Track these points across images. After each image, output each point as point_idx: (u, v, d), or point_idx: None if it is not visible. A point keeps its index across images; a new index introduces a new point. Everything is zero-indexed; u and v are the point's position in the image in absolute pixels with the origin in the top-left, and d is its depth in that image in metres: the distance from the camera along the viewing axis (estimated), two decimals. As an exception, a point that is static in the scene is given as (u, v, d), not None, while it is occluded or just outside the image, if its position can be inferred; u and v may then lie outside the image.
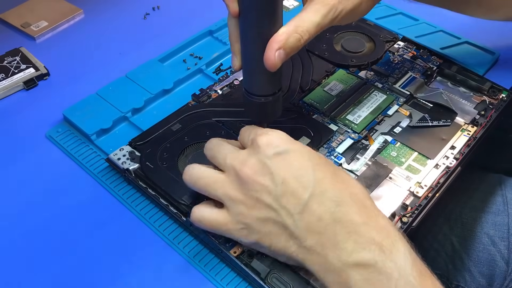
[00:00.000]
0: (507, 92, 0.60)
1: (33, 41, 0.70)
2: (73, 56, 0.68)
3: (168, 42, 0.67)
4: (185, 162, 0.51)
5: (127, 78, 0.62)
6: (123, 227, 0.49)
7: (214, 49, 0.67)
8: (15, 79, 0.63)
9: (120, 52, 0.68)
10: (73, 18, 0.73)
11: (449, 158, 0.53)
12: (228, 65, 0.65)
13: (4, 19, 0.72)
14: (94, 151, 0.55)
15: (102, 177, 0.53)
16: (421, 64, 0.64)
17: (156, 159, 0.51)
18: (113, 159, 0.51)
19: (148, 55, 0.65)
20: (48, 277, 0.45)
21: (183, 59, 0.66)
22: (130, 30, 0.72)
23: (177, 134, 0.53)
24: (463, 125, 0.57)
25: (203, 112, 0.56)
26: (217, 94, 0.60)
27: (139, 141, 0.53)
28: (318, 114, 0.58)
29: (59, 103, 0.59)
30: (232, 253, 0.45)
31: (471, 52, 0.64)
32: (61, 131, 0.57)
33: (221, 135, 0.53)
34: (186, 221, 0.47)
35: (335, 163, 0.52)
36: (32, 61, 0.65)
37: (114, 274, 0.46)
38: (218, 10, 0.73)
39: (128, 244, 0.48)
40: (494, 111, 0.58)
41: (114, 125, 0.57)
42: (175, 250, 0.47)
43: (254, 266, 0.44)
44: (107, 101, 0.59)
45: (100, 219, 0.50)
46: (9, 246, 0.48)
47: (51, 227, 0.49)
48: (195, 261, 0.46)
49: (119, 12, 0.75)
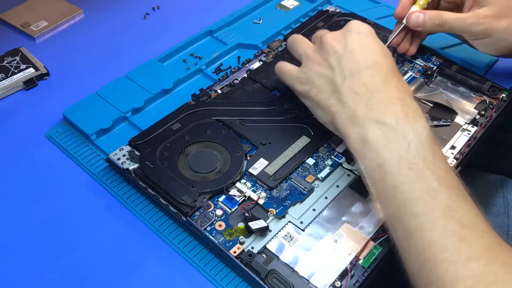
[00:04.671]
0: (507, 92, 0.60)
1: (33, 41, 0.70)
2: (73, 56, 0.68)
3: (168, 42, 0.67)
4: (185, 161, 0.51)
5: (127, 78, 0.62)
6: (123, 227, 0.49)
7: (214, 49, 0.67)
8: (15, 79, 0.63)
9: (120, 52, 0.68)
10: (73, 18, 0.73)
11: (449, 158, 0.53)
12: (228, 65, 0.65)
13: (4, 19, 0.72)
14: (94, 151, 0.55)
15: (102, 177, 0.53)
16: (421, 64, 0.64)
17: (156, 158, 0.51)
18: (113, 159, 0.51)
19: (148, 55, 0.65)
20: (48, 277, 0.45)
21: (183, 59, 0.66)
22: (130, 30, 0.72)
23: (177, 133, 0.53)
24: (463, 125, 0.57)
25: (203, 111, 0.56)
26: (217, 94, 0.60)
27: (138, 140, 0.53)
28: (318, 114, 0.58)
29: (59, 103, 0.59)
30: (232, 253, 0.44)
31: (471, 52, 0.64)
32: (61, 131, 0.57)
33: (221, 135, 0.53)
34: (186, 221, 0.47)
35: (335, 163, 0.52)
36: (32, 61, 0.65)
37: (114, 274, 0.46)
38: (218, 10, 0.74)
39: (128, 244, 0.48)
40: (494, 111, 0.58)
41: (114, 125, 0.57)
42: (175, 250, 0.47)
43: (254, 266, 0.44)
44: (107, 101, 0.59)
45: (100, 219, 0.50)
46: (9, 246, 0.48)
47: (51, 227, 0.49)
48: (195, 261, 0.46)
49: (119, 12, 0.75)
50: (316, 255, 0.45)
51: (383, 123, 0.43)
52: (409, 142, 0.42)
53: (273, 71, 0.62)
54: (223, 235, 0.46)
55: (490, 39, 0.56)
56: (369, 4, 0.76)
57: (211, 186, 0.49)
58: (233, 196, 0.49)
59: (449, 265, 0.37)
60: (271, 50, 0.66)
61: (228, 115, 0.56)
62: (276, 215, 0.48)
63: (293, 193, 0.50)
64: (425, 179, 0.40)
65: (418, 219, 0.39)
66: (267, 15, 0.73)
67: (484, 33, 0.56)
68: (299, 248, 0.46)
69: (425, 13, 0.57)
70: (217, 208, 0.48)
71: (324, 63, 0.49)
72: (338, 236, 0.47)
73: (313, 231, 0.47)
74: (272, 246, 0.46)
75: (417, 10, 0.58)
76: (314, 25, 0.69)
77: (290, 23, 0.72)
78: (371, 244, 0.46)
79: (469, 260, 0.37)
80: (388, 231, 0.44)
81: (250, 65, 0.64)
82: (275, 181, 0.50)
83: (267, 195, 0.49)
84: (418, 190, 0.40)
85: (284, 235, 0.47)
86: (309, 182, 0.51)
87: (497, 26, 0.55)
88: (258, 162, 0.51)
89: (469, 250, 0.37)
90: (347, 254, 0.45)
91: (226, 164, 0.51)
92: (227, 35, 0.69)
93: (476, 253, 0.37)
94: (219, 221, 0.47)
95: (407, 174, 0.41)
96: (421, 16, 0.57)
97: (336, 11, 0.72)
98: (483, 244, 0.38)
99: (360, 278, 0.44)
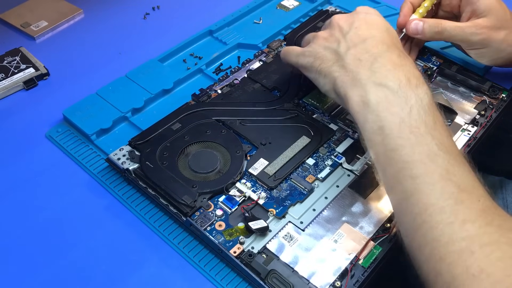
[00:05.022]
0: (507, 92, 0.60)
1: (33, 41, 0.70)
2: (73, 56, 0.68)
3: (168, 42, 0.67)
4: (185, 161, 0.51)
5: (127, 78, 0.62)
6: (123, 227, 0.49)
7: (214, 49, 0.67)
8: (15, 79, 0.63)
9: (120, 52, 0.68)
10: (73, 18, 0.73)
11: (449, 158, 0.53)
12: (228, 65, 0.65)
13: (4, 19, 0.72)
14: (94, 151, 0.55)
15: (102, 177, 0.52)
16: (421, 64, 0.64)
17: (156, 158, 0.51)
18: (113, 159, 0.51)
19: (148, 55, 0.65)
20: (47, 277, 0.45)
21: (183, 59, 0.66)
22: (130, 30, 0.72)
23: (177, 133, 0.53)
24: (463, 125, 0.57)
25: (203, 111, 0.56)
26: (217, 94, 0.60)
27: (138, 140, 0.53)
28: (318, 114, 0.58)
29: (59, 103, 0.59)
30: (232, 253, 0.44)
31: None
32: (61, 131, 0.57)
33: (221, 135, 0.53)
34: (186, 221, 0.47)
35: (335, 163, 0.52)
36: (32, 61, 0.65)
37: (113, 274, 0.46)
38: (218, 10, 0.74)
39: (128, 244, 0.48)
40: (494, 111, 0.59)
41: (114, 125, 0.57)
42: (175, 250, 0.47)
43: (254, 266, 0.44)
44: (107, 101, 0.59)
45: (100, 219, 0.50)
46: (9, 245, 0.48)
47: (51, 227, 0.49)
48: (195, 261, 0.46)
49: (119, 12, 0.75)
50: (316, 255, 0.45)
51: (385, 86, 0.44)
52: (411, 106, 0.42)
53: (273, 71, 0.62)
54: (223, 235, 0.46)
55: (487, 49, 0.57)
56: (369, 4, 0.76)
57: (211, 186, 0.49)
58: (233, 196, 0.49)
59: (445, 226, 0.38)
60: (271, 50, 0.66)
61: (228, 115, 0.56)
62: (276, 215, 0.48)
63: (293, 193, 0.50)
64: (426, 143, 0.41)
65: (416, 181, 0.40)
66: (267, 15, 0.73)
67: (482, 43, 0.56)
68: (299, 248, 0.46)
69: (424, 21, 0.57)
70: (217, 208, 0.48)
71: (330, 38, 0.50)
72: (338, 236, 0.47)
73: (313, 231, 0.47)
74: (272, 246, 0.46)
75: (416, 18, 0.58)
76: (314, 25, 0.69)
77: (290, 23, 0.72)
78: (371, 244, 0.46)
79: (465, 222, 0.37)
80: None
81: (250, 65, 0.64)
82: (275, 181, 0.50)
83: (267, 195, 0.49)
84: (418, 153, 0.41)
85: (284, 235, 0.47)
86: (309, 182, 0.51)
87: (495, 37, 0.56)
88: (258, 162, 0.51)
89: (466, 213, 0.38)
90: (347, 254, 0.45)
91: (226, 164, 0.51)
92: (227, 35, 0.69)
93: (472, 216, 0.38)
94: (219, 221, 0.47)
95: (408, 138, 0.41)
96: (421, 24, 0.57)
97: (336, 11, 0.72)
98: (479, 207, 0.38)
99: (360, 278, 0.44)
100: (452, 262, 0.36)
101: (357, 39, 0.48)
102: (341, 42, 0.49)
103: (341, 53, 0.48)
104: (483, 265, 0.35)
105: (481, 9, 0.56)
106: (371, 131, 0.44)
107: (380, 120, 0.43)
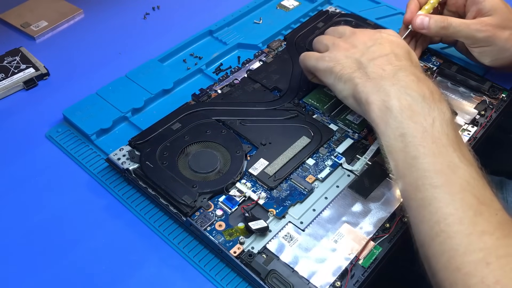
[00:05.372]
0: (507, 92, 0.60)
1: (33, 41, 0.70)
2: (73, 56, 0.68)
3: (168, 42, 0.67)
4: (185, 161, 0.51)
5: (127, 78, 0.62)
6: (123, 227, 0.49)
7: (214, 49, 0.67)
8: (15, 79, 0.63)
9: (120, 52, 0.68)
10: (73, 18, 0.73)
11: (449, 158, 0.53)
12: (228, 65, 0.65)
13: (4, 19, 0.72)
14: (94, 151, 0.55)
15: (102, 177, 0.52)
16: (421, 64, 0.64)
17: (156, 158, 0.51)
18: (113, 159, 0.51)
19: (148, 55, 0.65)
20: (47, 277, 0.45)
21: (183, 59, 0.66)
22: (130, 30, 0.72)
23: (177, 133, 0.53)
24: (463, 125, 0.57)
25: (203, 111, 0.56)
26: (217, 94, 0.60)
27: (138, 140, 0.53)
28: (318, 114, 0.58)
29: (59, 103, 0.59)
30: (232, 253, 0.44)
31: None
32: (61, 131, 0.57)
33: (221, 135, 0.53)
34: (186, 221, 0.47)
35: (335, 163, 0.52)
36: (32, 61, 0.65)
37: (113, 274, 0.46)
38: (218, 10, 0.74)
39: (127, 244, 0.48)
40: (494, 111, 0.59)
41: (114, 125, 0.57)
42: (175, 250, 0.47)
43: (254, 266, 0.44)
44: (107, 101, 0.59)
45: (100, 219, 0.50)
46: (9, 245, 0.48)
47: (51, 226, 0.49)
48: (195, 261, 0.46)
49: (119, 12, 0.75)
50: (316, 255, 0.45)
51: (409, 95, 0.44)
52: (434, 118, 0.43)
53: (273, 71, 0.62)
54: (223, 235, 0.46)
55: (491, 47, 0.57)
56: (369, 4, 0.76)
57: (211, 186, 0.49)
58: (233, 196, 0.49)
59: (463, 237, 0.38)
60: (271, 50, 0.66)
61: (228, 115, 0.56)
62: (276, 215, 0.48)
63: (293, 193, 0.50)
64: (447, 154, 0.41)
65: (437, 191, 0.40)
66: (267, 15, 0.73)
67: (487, 40, 0.56)
68: (299, 248, 0.46)
69: (430, 16, 0.58)
70: (217, 208, 0.48)
71: (352, 49, 0.51)
72: (338, 236, 0.47)
73: (313, 231, 0.47)
74: (272, 246, 0.46)
75: (422, 13, 0.58)
76: (314, 25, 0.69)
77: (290, 23, 0.72)
78: (371, 244, 0.46)
79: (483, 234, 0.38)
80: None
81: (250, 65, 0.64)
82: (275, 181, 0.50)
83: (267, 195, 0.49)
84: (439, 163, 0.41)
85: (284, 235, 0.47)
86: (309, 182, 0.51)
87: (500, 36, 0.56)
88: (258, 162, 0.51)
89: (484, 225, 0.38)
90: (347, 254, 0.45)
91: (226, 164, 0.51)
92: (227, 35, 0.69)
93: (490, 228, 0.38)
94: (219, 221, 0.47)
95: (430, 147, 0.42)
96: (426, 19, 0.57)
97: (336, 11, 0.72)
98: (497, 220, 0.39)
99: (360, 278, 0.44)
100: (468, 272, 0.37)
101: (380, 52, 0.49)
102: (364, 53, 0.49)
103: (364, 63, 0.48)
104: (498, 276, 0.36)
105: (486, 9, 0.56)
106: (392, 137, 0.44)
107: (402, 127, 0.43)
